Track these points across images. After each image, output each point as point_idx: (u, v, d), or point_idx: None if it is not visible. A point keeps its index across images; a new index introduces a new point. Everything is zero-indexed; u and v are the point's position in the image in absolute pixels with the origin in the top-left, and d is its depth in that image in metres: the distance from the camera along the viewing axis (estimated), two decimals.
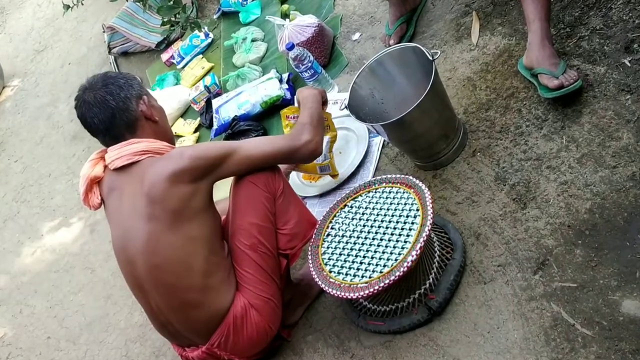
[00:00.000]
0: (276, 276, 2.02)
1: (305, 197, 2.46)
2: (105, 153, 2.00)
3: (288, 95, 2.90)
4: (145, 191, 1.88)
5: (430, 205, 1.86)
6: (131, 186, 1.92)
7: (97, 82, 1.99)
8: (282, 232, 2.03)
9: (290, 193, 2.11)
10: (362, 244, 1.92)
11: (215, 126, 3.02)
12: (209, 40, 3.66)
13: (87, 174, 2.00)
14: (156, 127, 2.05)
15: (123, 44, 4.00)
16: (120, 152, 1.94)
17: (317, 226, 2.09)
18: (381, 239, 1.90)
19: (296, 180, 2.57)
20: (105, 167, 2.01)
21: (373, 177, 2.34)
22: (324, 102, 2.24)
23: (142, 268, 1.90)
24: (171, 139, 2.14)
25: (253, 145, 2.02)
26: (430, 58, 2.04)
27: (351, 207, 2.05)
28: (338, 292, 1.84)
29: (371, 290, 1.78)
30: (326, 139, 2.34)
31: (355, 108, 2.20)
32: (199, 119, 3.27)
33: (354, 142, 2.54)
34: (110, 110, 1.94)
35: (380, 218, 1.95)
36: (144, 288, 1.93)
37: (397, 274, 1.77)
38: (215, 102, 3.08)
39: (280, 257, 2.04)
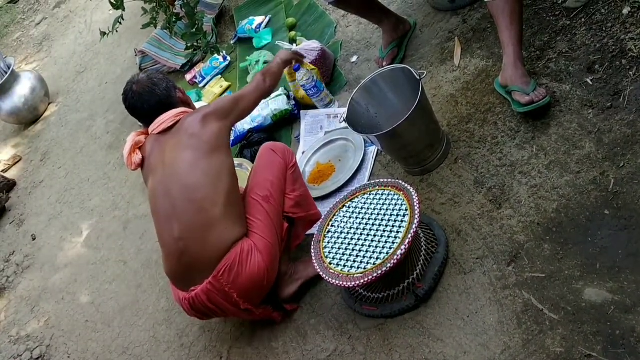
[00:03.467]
0: (279, 230, 2.10)
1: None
2: (145, 131, 2.20)
3: (295, 110, 2.90)
4: (185, 132, 2.07)
5: (418, 206, 1.86)
6: (172, 136, 2.10)
7: (143, 78, 2.19)
8: (289, 197, 2.16)
9: (299, 172, 2.27)
10: (359, 239, 1.93)
11: (231, 137, 3.02)
12: (227, 62, 3.66)
13: (132, 139, 2.18)
14: (189, 108, 2.26)
15: (152, 66, 4.01)
16: (163, 119, 2.12)
17: (319, 220, 2.12)
18: (375, 235, 1.90)
19: None
20: (147, 137, 2.18)
21: (368, 181, 2.34)
22: (290, 60, 2.58)
23: (177, 189, 2.00)
24: None
25: (250, 93, 2.26)
26: (418, 77, 2.05)
27: (349, 207, 2.05)
28: (337, 282, 1.85)
29: (366, 279, 1.79)
30: (310, 74, 2.69)
31: (353, 121, 2.21)
32: None
33: (352, 151, 2.54)
34: (157, 97, 2.15)
35: (374, 217, 1.96)
36: (172, 215, 2.00)
37: (389, 265, 1.78)
38: None
39: (284, 219, 2.14)
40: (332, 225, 2.03)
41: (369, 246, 1.88)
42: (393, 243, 1.83)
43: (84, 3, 5.81)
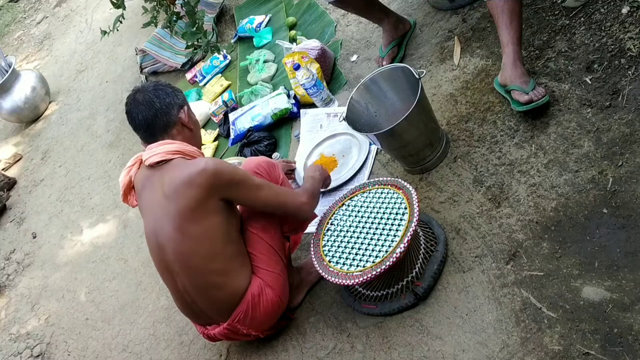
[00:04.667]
0: (283, 255, 2.06)
1: None
2: (140, 160, 2.03)
3: (295, 109, 2.91)
4: (167, 189, 1.88)
5: (417, 204, 1.87)
6: (160, 182, 1.92)
7: (148, 87, 2.00)
8: (284, 218, 2.07)
9: (288, 184, 2.18)
10: (358, 237, 1.93)
11: (232, 136, 3.03)
12: (227, 61, 3.67)
13: (123, 182, 2.05)
14: (190, 134, 2.04)
15: (153, 65, 4.01)
16: (156, 151, 1.94)
17: (317, 220, 2.11)
18: (374, 233, 1.90)
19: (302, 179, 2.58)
20: (140, 166, 2.03)
21: (367, 179, 2.34)
22: (326, 180, 2.28)
23: (171, 254, 1.90)
24: (200, 146, 2.12)
25: (264, 189, 1.96)
26: (417, 77, 2.05)
27: (348, 205, 2.06)
28: (336, 280, 1.85)
29: (365, 277, 1.79)
30: (314, 71, 2.67)
31: (353, 120, 2.21)
32: (217, 129, 3.28)
33: (356, 149, 2.54)
34: (154, 111, 1.95)
35: (373, 215, 1.96)
36: (172, 271, 1.93)
37: (388, 263, 1.78)
38: (232, 115, 3.09)
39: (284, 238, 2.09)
40: (331, 224, 2.04)
41: (368, 244, 1.88)
42: (392, 241, 1.84)
43: (84, 2, 5.81)
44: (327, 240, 1.99)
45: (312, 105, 2.86)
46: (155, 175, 1.94)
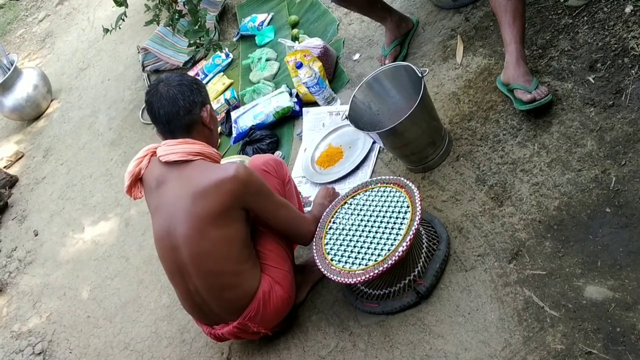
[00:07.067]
0: (290, 252, 2.08)
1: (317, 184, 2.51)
2: (151, 152, 1.99)
3: (297, 107, 2.91)
4: (193, 190, 1.85)
5: (419, 203, 1.87)
6: (180, 182, 1.88)
7: (173, 80, 1.93)
8: None
9: (293, 184, 2.20)
10: (360, 236, 1.93)
11: (234, 134, 3.03)
12: (229, 59, 3.67)
13: (132, 171, 1.99)
14: (209, 133, 2.00)
15: (155, 63, 4.01)
16: (176, 149, 1.89)
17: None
18: (376, 232, 1.90)
19: (309, 167, 2.59)
20: (150, 161, 1.99)
21: (370, 178, 2.34)
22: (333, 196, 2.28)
23: (186, 255, 1.88)
24: (217, 146, 2.07)
25: (284, 209, 2.00)
26: (420, 75, 2.05)
27: (350, 204, 2.06)
28: (338, 278, 1.85)
29: (367, 276, 1.79)
30: (316, 70, 2.69)
31: (355, 118, 2.21)
32: (220, 128, 3.28)
33: (361, 141, 2.54)
34: (177, 108, 1.89)
35: (375, 214, 1.96)
36: (185, 272, 1.91)
37: (390, 262, 1.78)
38: (234, 114, 3.09)
39: None
40: (333, 222, 2.04)
41: (371, 243, 1.88)
42: (394, 240, 1.83)
43: (86, 0, 5.82)
44: (330, 239, 1.99)
45: (314, 104, 2.87)
46: (172, 173, 1.91)
